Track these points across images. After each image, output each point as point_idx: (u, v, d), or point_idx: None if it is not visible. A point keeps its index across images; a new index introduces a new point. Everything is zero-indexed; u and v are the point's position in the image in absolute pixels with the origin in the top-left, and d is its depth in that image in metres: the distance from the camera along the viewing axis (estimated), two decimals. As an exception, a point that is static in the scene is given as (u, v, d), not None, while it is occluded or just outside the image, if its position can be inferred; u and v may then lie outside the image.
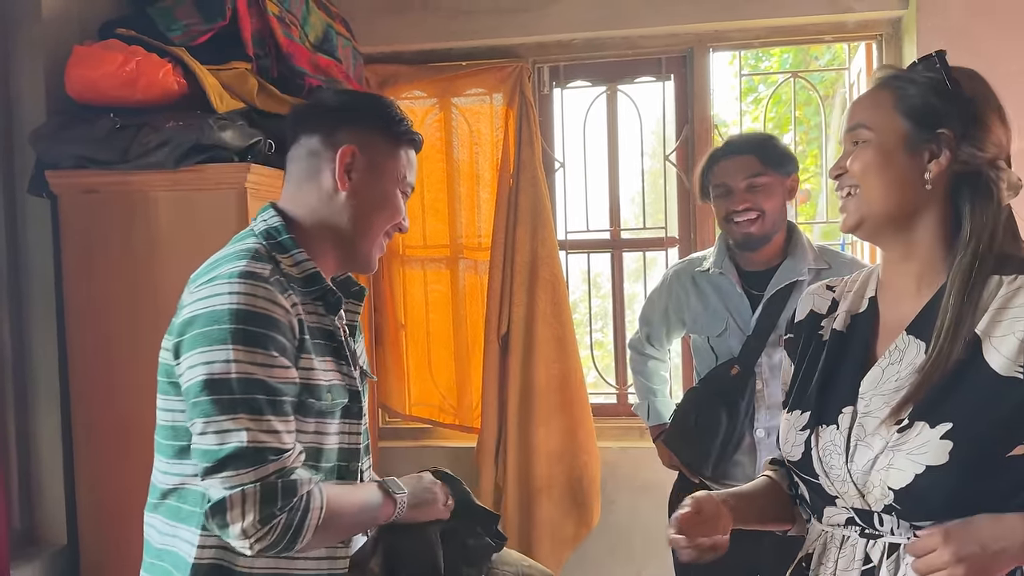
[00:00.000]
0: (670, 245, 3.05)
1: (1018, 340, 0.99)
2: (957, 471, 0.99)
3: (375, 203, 1.32)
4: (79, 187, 1.93)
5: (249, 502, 1.10)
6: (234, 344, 1.12)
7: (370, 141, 1.31)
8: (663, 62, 2.99)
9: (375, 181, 1.31)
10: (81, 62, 1.87)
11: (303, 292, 1.25)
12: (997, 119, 1.06)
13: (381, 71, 2.99)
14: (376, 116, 1.33)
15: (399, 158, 1.34)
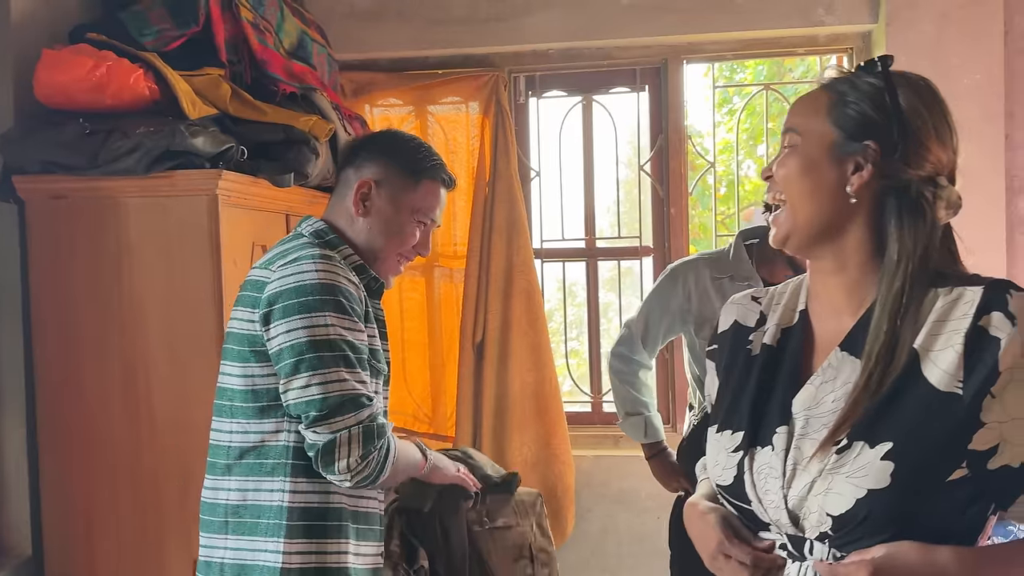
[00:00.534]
0: (645, 254, 3.07)
1: (956, 354, 0.94)
2: (900, 494, 0.92)
3: (385, 231, 1.55)
4: (47, 192, 1.91)
5: (354, 442, 1.35)
6: (328, 311, 1.37)
7: (389, 176, 1.56)
8: (638, 73, 3.01)
9: (389, 212, 1.55)
10: (51, 66, 1.85)
11: (375, 286, 1.55)
12: (935, 136, 0.99)
13: (356, 79, 2.98)
14: (396, 154, 1.58)
15: (416, 193, 1.57)
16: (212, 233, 1.88)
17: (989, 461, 0.92)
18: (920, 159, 0.98)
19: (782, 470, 1.00)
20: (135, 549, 1.93)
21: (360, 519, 1.50)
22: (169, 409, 1.90)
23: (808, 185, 1.02)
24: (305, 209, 2.40)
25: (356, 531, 1.50)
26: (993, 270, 2.68)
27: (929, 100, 1.01)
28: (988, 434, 0.91)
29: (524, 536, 1.83)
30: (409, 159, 1.57)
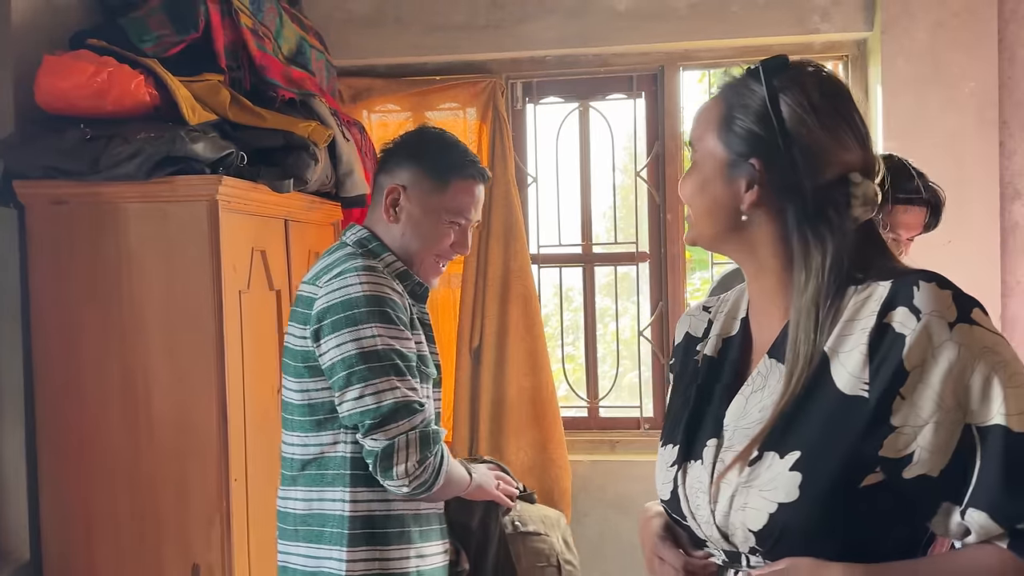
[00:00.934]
0: (641, 260, 3.08)
1: (861, 355, 0.87)
2: (810, 506, 0.86)
3: (417, 235, 1.56)
4: (47, 198, 1.91)
5: (412, 447, 1.39)
6: (374, 322, 1.41)
7: (417, 180, 1.56)
8: (634, 80, 3.03)
9: (420, 216, 1.56)
10: (51, 72, 1.85)
11: (420, 292, 1.58)
12: (830, 138, 0.93)
13: (355, 84, 3.00)
14: (423, 156, 1.58)
15: (446, 194, 1.56)
16: (212, 238, 1.88)
17: (905, 470, 0.84)
18: (814, 166, 0.92)
19: (708, 484, 0.96)
20: (133, 554, 1.93)
21: (422, 521, 1.54)
22: (168, 414, 1.91)
23: (705, 203, 0.99)
24: (304, 215, 2.41)
25: (419, 534, 1.53)
26: (987, 277, 2.72)
27: (821, 100, 0.94)
28: (900, 439, 0.84)
29: (552, 546, 1.87)
30: (436, 161, 1.57)
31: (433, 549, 1.55)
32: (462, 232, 1.60)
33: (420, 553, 1.52)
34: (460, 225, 1.59)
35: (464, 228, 1.60)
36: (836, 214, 0.92)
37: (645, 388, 3.12)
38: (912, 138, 2.68)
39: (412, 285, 1.58)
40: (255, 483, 2.06)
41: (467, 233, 1.61)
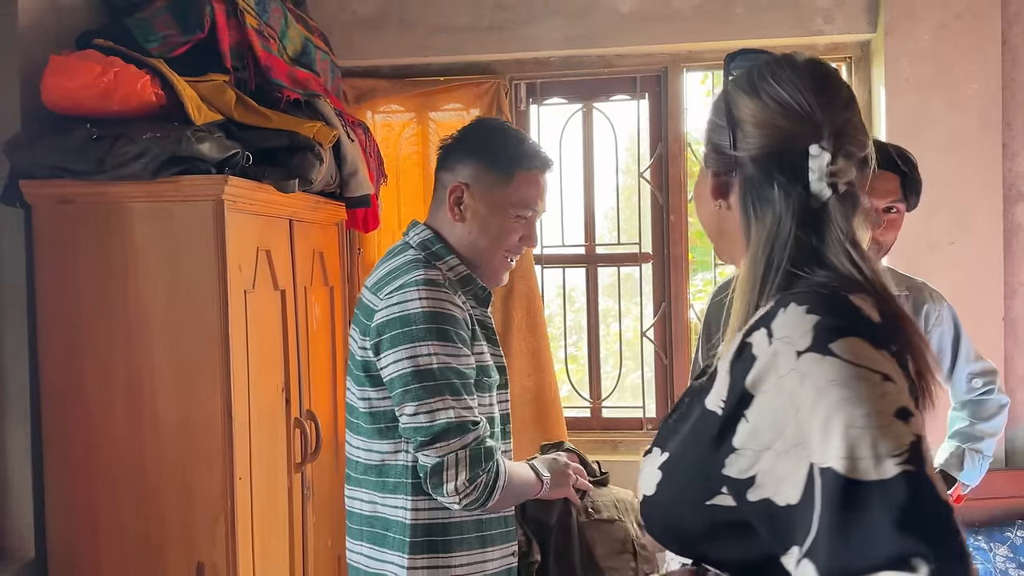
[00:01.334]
0: (644, 261, 3.09)
1: (724, 371, 0.84)
2: (663, 507, 0.89)
3: (484, 233, 1.53)
4: (54, 197, 1.92)
5: (461, 465, 1.38)
6: (431, 340, 1.40)
7: (479, 175, 1.52)
8: (638, 81, 3.04)
9: (485, 213, 1.52)
10: (58, 72, 1.86)
11: (461, 291, 1.51)
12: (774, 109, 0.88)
13: (359, 85, 3.00)
14: (484, 151, 1.53)
15: (510, 187, 1.52)
16: (218, 238, 1.89)
17: (748, 491, 0.79)
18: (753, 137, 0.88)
19: None
20: (138, 552, 1.93)
21: (485, 526, 1.53)
22: (173, 413, 1.91)
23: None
24: (309, 215, 2.42)
25: (481, 539, 1.52)
26: (990, 279, 2.72)
27: (770, 74, 0.89)
28: (742, 460, 0.80)
29: (627, 531, 1.87)
30: (498, 154, 1.52)
31: (497, 553, 1.54)
32: (529, 225, 1.55)
33: (483, 559, 1.52)
34: (527, 218, 1.54)
35: (531, 221, 1.55)
36: (783, 188, 0.86)
37: (648, 388, 3.12)
38: (915, 140, 2.68)
39: (475, 289, 1.55)
40: (259, 482, 2.07)
41: (534, 226, 1.57)
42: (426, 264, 1.50)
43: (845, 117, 0.88)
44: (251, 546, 2.01)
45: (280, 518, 2.22)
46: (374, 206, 2.68)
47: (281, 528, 2.22)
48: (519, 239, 1.55)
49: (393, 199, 3.06)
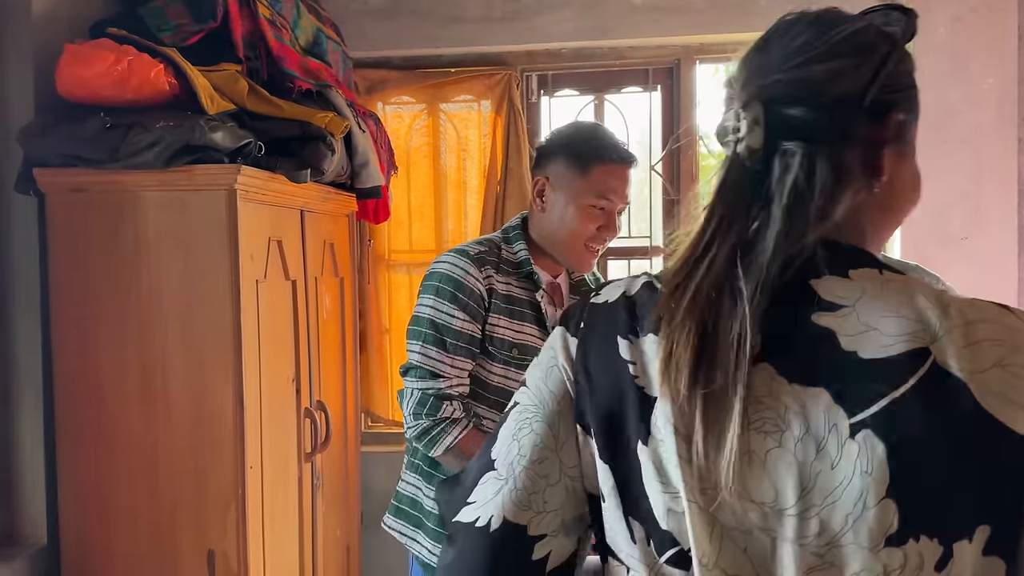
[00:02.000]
0: (655, 254, 3.08)
1: None
2: None
3: (561, 224, 1.64)
4: (67, 186, 1.93)
5: (410, 400, 1.60)
6: (431, 295, 1.61)
7: (559, 171, 1.65)
8: (650, 73, 3.02)
9: (563, 205, 1.63)
10: (73, 60, 1.86)
11: (514, 272, 1.66)
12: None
13: (370, 76, 3.00)
14: (565, 147, 1.65)
15: (588, 180, 1.62)
16: (230, 228, 1.89)
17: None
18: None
19: None
20: (150, 540, 1.94)
21: None
22: (185, 402, 1.92)
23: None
24: (320, 205, 2.42)
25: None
26: (1003, 275, 2.70)
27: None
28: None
29: None
30: (577, 149, 1.63)
31: None
32: (607, 215, 1.63)
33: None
34: (604, 208, 1.62)
35: (609, 211, 1.63)
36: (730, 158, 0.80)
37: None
38: (930, 134, 2.66)
39: (527, 274, 1.67)
40: (270, 471, 2.08)
41: (613, 216, 1.64)
42: (481, 242, 1.68)
43: None
44: (261, 535, 2.02)
45: (290, 507, 2.22)
46: (385, 197, 2.68)
47: (291, 517, 2.23)
48: (598, 228, 1.63)
49: (403, 190, 3.06)
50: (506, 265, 1.65)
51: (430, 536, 1.63)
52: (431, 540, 1.63)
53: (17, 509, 2.01)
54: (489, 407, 1.65)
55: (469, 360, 1.61)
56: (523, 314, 1.65)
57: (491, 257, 1.64)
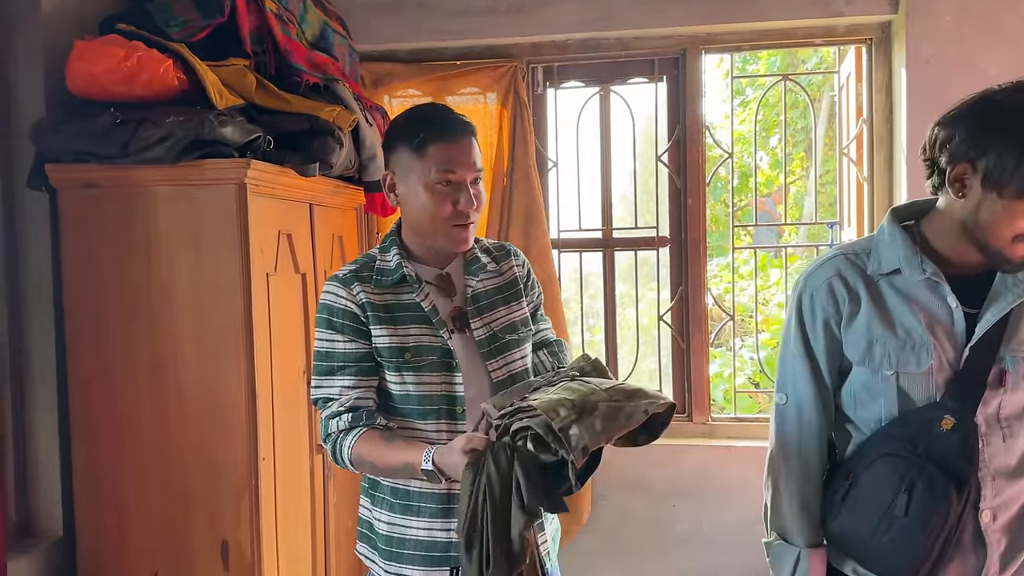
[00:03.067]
0: (661, 245, 3.09)
1: None
2: None
3: (419, 210, 1.57)
4: (78, 181, 1.94)
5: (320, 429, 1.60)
6: (317, 328, 1.60)
7: (401, 160, 1.58)
8: (656, 63, 3.02)
9: (413, 192, 1.56)
10: (83, 56, 1.87)
11: (390, 281, 1.59)
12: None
13: (376, 69, 3.01)
14: (395, 137, 1.59)
15: (425, 160, 1.54)
16: (240, 221, 1.91)
17: None
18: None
19: None
20: (164, 531, 1.97)
21: (408, 496, 1.59)
22: (198, 394, 1.94)
23: None
24: (328, 199, 2.43)
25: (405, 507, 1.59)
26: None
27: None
28: None
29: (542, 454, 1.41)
30: (409, 134, 1.55)
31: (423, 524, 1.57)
32: (460, 189, 1.54)
33: (405, 524, 1.58)
34: (453, 183, 1.54)
35: (460, 184, 1.54)
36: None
37: (665, 373, 3.13)
38: (936, 122, 2.66)
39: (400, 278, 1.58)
40: (283, 461, 2.09)
41: (466, 188, 1.54)
42: (356, 261, 1.64)
43: None
44: (274, 525, 2.04)
45: (302, 497, 2.24)
46: (392, 190, 2.69)
47: (303, 507, 2.25)
48: (455, 205, 1.54)
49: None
50: (380, 275, 1.59)
51: (383, 556, 1.59)
52: (383, 559, 1.59)
53: (33, 502, 2.04)
54: (399, 416, 1.58)
55: (363, 376, 1.56)
56: (406, 318, 1.57)
57: (364, 272, 1.59)
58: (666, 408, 1.39)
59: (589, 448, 1.27)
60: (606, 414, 1.31)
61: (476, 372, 1.60)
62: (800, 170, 6.88)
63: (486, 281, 1.66)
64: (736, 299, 5.69)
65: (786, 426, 1.53)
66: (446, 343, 1.57)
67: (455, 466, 1.38)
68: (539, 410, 1.30)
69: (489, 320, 1.63)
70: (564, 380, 1.43)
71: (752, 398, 5.20)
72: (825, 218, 3.75)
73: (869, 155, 2.90)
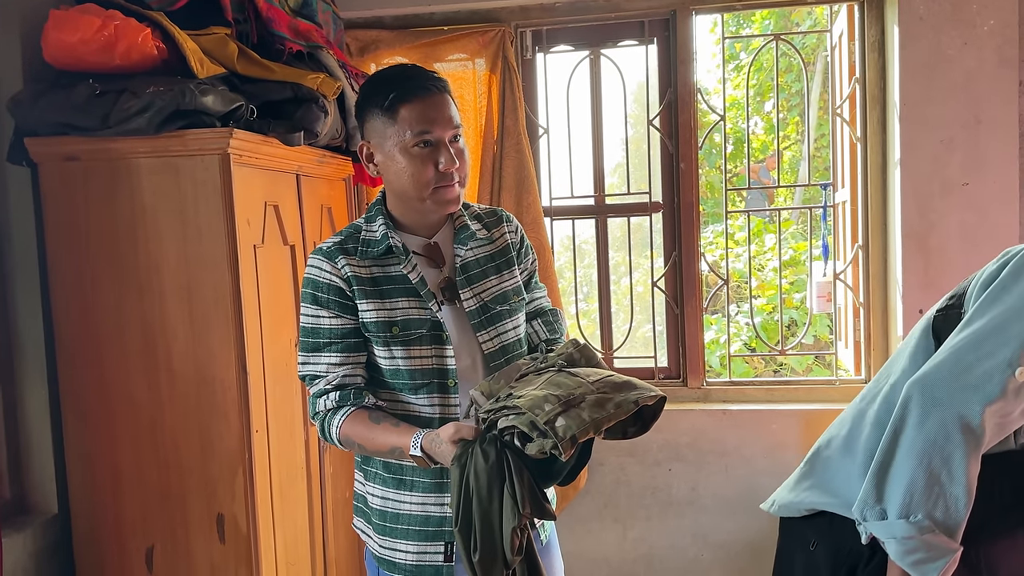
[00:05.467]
0: (654, 210, 3.06)
1: None
2: None
3: (401, 176, 1.50)
4: (59, 155, 1.91)
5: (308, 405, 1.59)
6: (302, 303, 1.56)
7: (374, 128, 1.52)
8: (646, 25, 2.98)
9: (392, 159, 1.50)
10: (58, 26, 1.83)
11: (375, 252, 1.54)
12: None
13: (362, 36, 2.96)
14: (365, 104, 1.53)
15: (397, 122, 1.48)
16: (225, 192, 1.88)
17: None
18: None
19: None
20: (159, 506, 1.96)
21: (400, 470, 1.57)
22: (188, 368, 1.93)
23: None
24: (315, 169, 2.40)
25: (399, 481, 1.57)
26: (1004, 219, 2.69)
27: None
28: None
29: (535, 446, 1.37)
30: (378, 100, 1.49)
31: (416, 498, 1.55)
32: (439, 149, 1.48)
33: (399, 498, 1.57)
34: (431, 143, 1.48)
35: (439, 144, 1.48)
36: None
37: (660, 339, 3.12)
38: (929, 78, 2.63)
39: (387, 248, 1.54)
40: (277, 434, 2.09)
41: (446, 147, 1.49)
42: (340, 232, 1.59)
43: None
44: (270, 497, 2.04)
45: (298, 469, 2.24)
46: (381, 159, 2.66)
47: (299, 479, 2.25)
48: (437, 166, 1.48)
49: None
50: (367, 247, 1.54)
51: (377, 531, 1.59)
52: (377, 534, 1.58)
53: (27, 480, 2.04)
54: (390, 390, 1.55)
55: (351, 353, 1.53)
56: (393, 291, 1.53)
57: (350, 244, 1.54)
58: (656, 400, 1.36)
59: (577, 437, 1.24)
60: (594, 404, 1.29)
61: (467, 344, 1.57)
62: (795, 135, 6.84)
63: (476, 249, 1.62)
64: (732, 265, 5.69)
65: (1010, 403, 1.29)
66: (435, 315, 1.53)
67: (443, 455, 1.39)
68: (523, 408, 1.28)
69: (479, 290, 1.59)
70: (551, 371, 1.40)
71: (747, 363, 5.22)
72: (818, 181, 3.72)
73: (862, 115, 2.87)
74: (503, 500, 1.30)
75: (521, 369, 1.43)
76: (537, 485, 1.33)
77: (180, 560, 1.97)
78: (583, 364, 1.44)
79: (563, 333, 1.73)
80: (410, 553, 1.55)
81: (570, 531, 2.98)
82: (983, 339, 1.30)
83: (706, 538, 2.95)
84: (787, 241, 5.93)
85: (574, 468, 1.38)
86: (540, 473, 1.34)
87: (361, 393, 1.52)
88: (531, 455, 1.28)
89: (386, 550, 1.57)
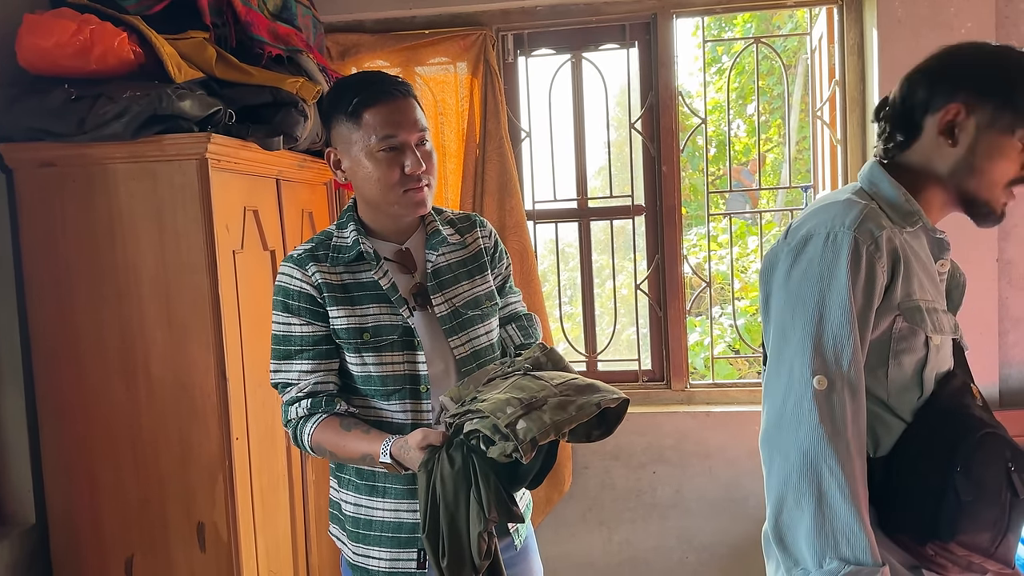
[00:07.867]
0: (637, 213, 3.07)
1: None
2: None
3: (369, 181, 1.50)
4: (35, 160, 1.89)
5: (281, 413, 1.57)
6: (274, 311, 1.54)
7: (341, 134, 1.51)
8: (627, 29, 2.99)
9: (359, 164, 1.49)
10: (32, 31, 1.81)
11: (346, 258, 1.53)
12: None
13: (342, 40, 2.95)
14: (331, 111, 1.52)
15: (362, 127, 1.48)
16: (203, 198, 1.87)
17: None
18: None
19: None
20: (138, 514, 1.94)
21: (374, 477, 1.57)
22: (167, 375, 1.91)
23: None
24: (296, 174, 2.39)
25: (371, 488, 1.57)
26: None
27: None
28: None
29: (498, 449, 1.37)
30: (342, 106, 1.49)
31: (390, 505, 1.55)
32: (406, 152, 1.47)
33: (371, 505, 1.56)
34: (397, 147, 1.47)
35: (405, 147, 1.47)
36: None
37: (643, 342, 3.13)
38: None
39: (358, 255, 1.53)
40: (257, 441, 2.07)
41: (412, 150, 1.47)
42: (309, 240, 1.58)
43: None
44: (251, 504, 2.02)
45: (279, 476, 2.23)
46: (362, 164, 2.64)
47: (281, 486, 2.23)
48: (403, 169, 1.47)
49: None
50: (338, 253, 1.53)
51: (351, 538, 1.58)
52: (352, 541, 1.58)
53: (4, 489, 2.01)
54: (362, 397, 1.54)
55: (322, 360, 1.52)
56: (364, 297, 1.51)
57: (321, 251, 1.53)
58: (619, 403, 1.35)
59: (538, 439, 1.24)
60: (556, 407, 1.29)
61: (440, 349, 1.56)
62: (777, 137, 6.88)
63: (448, 255, 1.61)
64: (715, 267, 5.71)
65: (835, 412, 1.17)
66: (406, 321, 1.52)
67: (412, 461, 1.39)
68: (486, 412, 1.28)
69: (451, 295, 1.58)
70: (517, 375, 1.40)
71: (732, 365, 5.23)
72: (800, 183, 3.74)
73: (842, 117, 2.89)
74: (470, 504, 1.30)
75: (489, 374, 1.43)
76: (505, 489, 1.32)
77: (160, 569, 1.95)
78: (549, 368, 1.44)
79: (538, 338, 1.72)
80: (383, 560, 1.54)
81: (555, 534, 2.98)
82: (776, 371, 1.23)
83: (691, 540, 2.95)
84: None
85: (540, 471, 1.38)
86: (507, 477, 1.34)
87: (333, 400, 1.52)
88: (493, 458, 1.27)
89: (360, 557, 1.57)
